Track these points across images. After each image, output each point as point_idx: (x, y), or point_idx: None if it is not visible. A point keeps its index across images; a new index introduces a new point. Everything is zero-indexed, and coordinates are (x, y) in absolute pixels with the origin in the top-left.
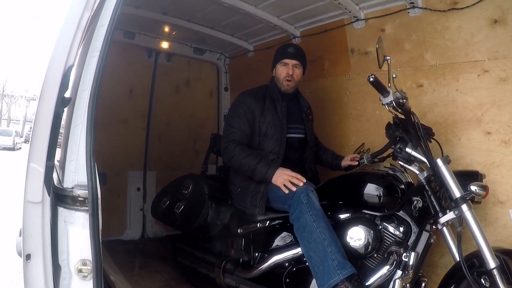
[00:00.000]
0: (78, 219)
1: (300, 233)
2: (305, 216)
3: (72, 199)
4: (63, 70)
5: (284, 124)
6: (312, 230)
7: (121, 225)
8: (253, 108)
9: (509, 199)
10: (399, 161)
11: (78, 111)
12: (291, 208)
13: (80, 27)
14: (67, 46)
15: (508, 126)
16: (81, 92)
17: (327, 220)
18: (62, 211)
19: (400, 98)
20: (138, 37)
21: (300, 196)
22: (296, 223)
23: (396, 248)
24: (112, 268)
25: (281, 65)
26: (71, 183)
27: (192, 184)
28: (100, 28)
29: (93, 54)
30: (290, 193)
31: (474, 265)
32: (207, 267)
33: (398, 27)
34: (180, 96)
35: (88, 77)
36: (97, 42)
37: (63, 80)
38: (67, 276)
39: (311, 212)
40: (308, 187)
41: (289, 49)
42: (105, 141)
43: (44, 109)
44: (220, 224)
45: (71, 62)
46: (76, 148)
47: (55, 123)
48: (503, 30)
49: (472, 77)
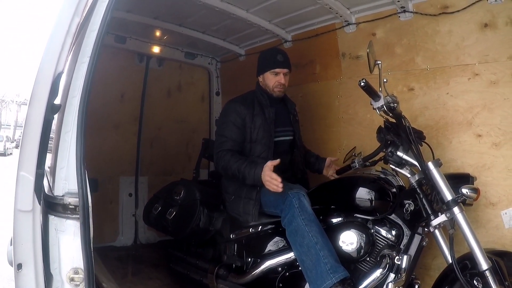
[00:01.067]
0: (69, 227)
1: (292, 238)
2: (297, 221)
3: (63, 207)
4: (52, 76)
5: (272, 128)
6: (304, 234)
7: (114, 231)
8: (244, 115)
9: (500, 200)
10: (391, 164)
11: (68, 118)
12: (283, 213)
13: (70, 33)
14: (56, 52)
15: (498, 128)
16: (71, 99)
17: (319, 224)
18: (53, 219)
19: (391, 102)
20: (129, 42)
21: (292, 200)
22: (288, 228)
23: (389, 252)
24: (104, 275)
25: (271, 74)
26: (62, 191)
27: (183, 190)
28: (90, 34)
29: (83, 60)
30: (281, 197)
31: (467, 266)
32: (200, 273)
33: (389, 31)
34: (171, 100)
35: (78, 83)
36: (87, 47)
37: (52, 87)
38: (59, 285)
39: (303, 216)
40: (299, 191)
41: (278, 57)
42: (96, 146)
43: (33, 116)
44: (213, 229)
45: (61, 68)
46: (67, 155)
47: (45, 130)
48: (493, 34)
49: (462, 80)
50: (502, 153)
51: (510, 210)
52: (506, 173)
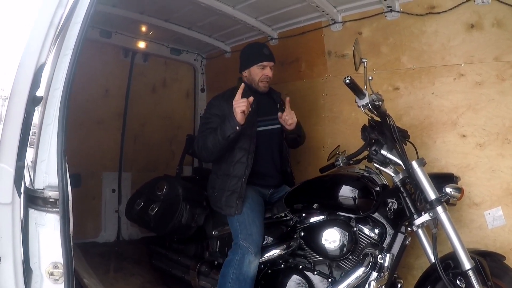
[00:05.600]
0: (49, 221)
1: (221, 275)
2: (228, 269)
3: (43, 201)
4: (35, 67)
5: (255, 118)
6: (225, 284)
7: (96, 227)
8: (223, 108)
9: (483, 201)
10: (375, 163)
11: (50, 110)
12: (231, 250)
13: (53, 24)
14: (39, 43)
15: (483, 129)
16: (53, 91)
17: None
18: (33, 212)
19: (375, 100)
20: (115, 37)
21: (238, 251)
22: (224, 265)
23: (372, 250)
24: (86, 271)
25: (258, 68)
26: (42, 184)
27: (166, 186)
28: (74, 26)
29: (66, 52)
30: (236, 233)
31: (450, 266)
32: (182, 270)
33: (375, 31)
34: (156, 96)
35: (60, 75)
36: (71, 40)
37: (34, 78)
38: (38, 279)
39: (235, 270)
40: (250, 246)
41: (265, 50)
42: (79, 141)
43: (14, 107)
44: (195, 226)
45: (44, 60)
46: (48, 148)
47: (26, 122)
48: (479, 35)
49: (448, 80)
50: (486, 153)
51: (493, 211)
52: (490, 174)
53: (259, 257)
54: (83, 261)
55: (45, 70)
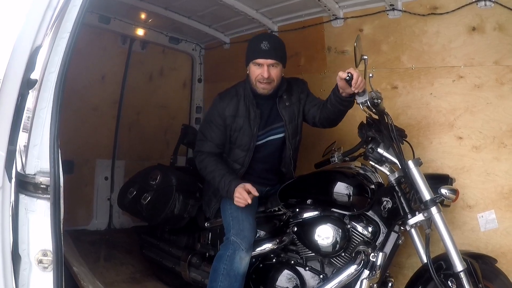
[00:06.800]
0: (40, 208)
1: (212, 269)
2: (219, 264)
3: (34, 186)
4: (30, 49)
5: (256, 132)
6: (216, 278)
7: (88, 214)
8: (224, 117)
9: (477, 203)
10: (370, 161)
11: (44, 94)
12: (222, 244)
13: (50, 6)
14: (36, 25)
15: (479, 132)
16: (48, 74)
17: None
18: (24, 198)
19: (375, 98)
20: (114, 23)
21: (229, 246)
22: (215, 260)
23: (364, 248)
24: (76, 259)
25: (254, 65)
26: (34, 170)
27: (160, 175)
28: (72, 9)
29: (63, 35)
30: (228, 228)
31: (441, 267)
32: (173, 261)
33: (376, 28)
34: (153, 85)
35: (56, 58)
36: (68, 23)
37: (29, 60)
38: (27, 266)
39: (226, 266)
40: (242, 242)
41: (262, 44)
42: (74, 128)
43: (7, 90)
44: (187, 217)
45: (40, 42)
46: (41, 133)
47: (19, 105)
48: (480, 38)
49: (447, 82)
50: (482, 156)
51: (486, 214)
52: (485, 177)
53: (250, 253)
54: (73, 249)
55: (41, 53)
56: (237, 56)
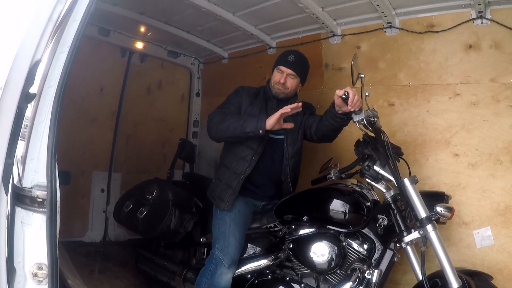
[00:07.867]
0: (36, 221)
1: (198, 277)
2: (202, 279)
3: (31, 200)
4: (30, 63)
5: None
6: None
7: (83, 226)
8: (241, 99)
9: (473, 220)
10: (367, 178)
11: (43, 108)
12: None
13: (51, 20)
14: (36, 39)
15: (476, 149)
16: (47, 89)
17: None
18: (20, 211)
19: (371, 117)
20: (113, 35)
21: (212, 260)
22: (201, 271)
23: (360, 265)
24: (71, 271)
25: (277, 71)
26: (31, 183)
27: (156, 189)
28: (72, 23)
29: (62, 49)
30: (215, 242)
31: (437, 284)
32: (168, 275)
33: (373, 45)
34: (151, 98)
35: (55, 73)
36: (68, 37)
37: (29, 74)
38: (21, 279)
39: (208, 280)
40: (225, 257)
41: (290, 57)
42: (71, 139)
43: (6, 103)
44: (183, 232)
45: (39, 56)
46: (38, 146)
47: (18, 119)
48: (476, 56)
49: (443, 99)
50: (478, 173)
51: (482, 230)
52: (481, 194)
53: (233, 270)
54: (68, 261)
55: (40, 67)
56: (235, 70)
